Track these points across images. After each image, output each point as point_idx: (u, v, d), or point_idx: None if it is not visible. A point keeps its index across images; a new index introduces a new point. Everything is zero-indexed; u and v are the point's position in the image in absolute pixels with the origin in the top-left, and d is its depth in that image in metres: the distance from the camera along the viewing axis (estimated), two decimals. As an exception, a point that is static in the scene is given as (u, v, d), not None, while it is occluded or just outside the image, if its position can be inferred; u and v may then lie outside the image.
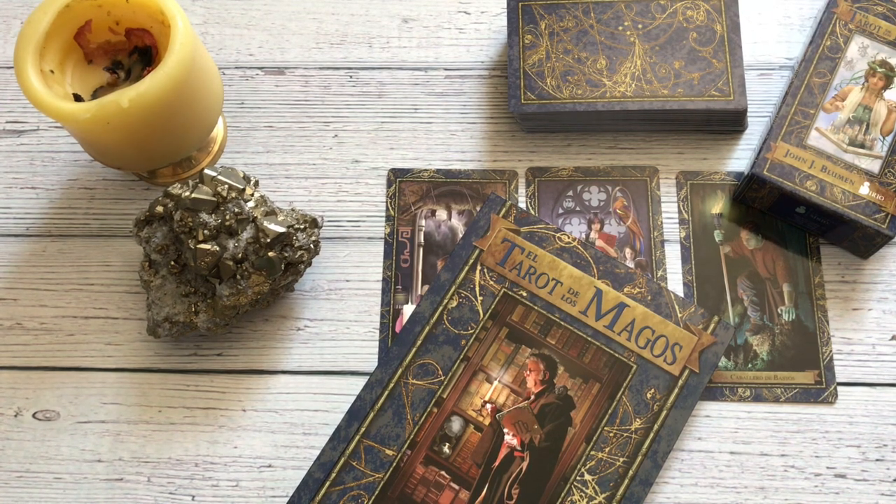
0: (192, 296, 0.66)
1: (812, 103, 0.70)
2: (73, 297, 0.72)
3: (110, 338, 0.70)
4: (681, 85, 0.72)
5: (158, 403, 0.68)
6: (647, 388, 0.64)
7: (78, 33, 0.67)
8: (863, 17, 0.72)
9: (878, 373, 0.68)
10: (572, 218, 0.73)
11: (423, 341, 0.66)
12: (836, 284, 0.70)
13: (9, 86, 0.79)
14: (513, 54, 0.74)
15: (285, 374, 0.69)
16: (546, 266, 0.67)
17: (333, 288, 0.71)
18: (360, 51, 0.79)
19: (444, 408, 0.64)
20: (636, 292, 0.66)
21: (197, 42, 0.66)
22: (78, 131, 0.65)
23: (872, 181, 0.68)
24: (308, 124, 0.77)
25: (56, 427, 0.68)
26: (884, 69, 0.71)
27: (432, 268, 0.72)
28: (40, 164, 0.76)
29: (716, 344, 0.65)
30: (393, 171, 0.75)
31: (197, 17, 0.81)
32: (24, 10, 0.82)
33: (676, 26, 0.73)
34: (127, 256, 0.73)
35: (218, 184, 0.65)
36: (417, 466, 0.63)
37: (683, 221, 0.72)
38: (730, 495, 0.65)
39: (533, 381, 0.65)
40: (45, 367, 0.70)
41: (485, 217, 0.69)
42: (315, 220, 0.67)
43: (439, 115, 0.77)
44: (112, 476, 0.66)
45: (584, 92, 0.72)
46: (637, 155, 0.75)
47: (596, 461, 0.62)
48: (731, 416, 0.67)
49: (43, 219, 0.74)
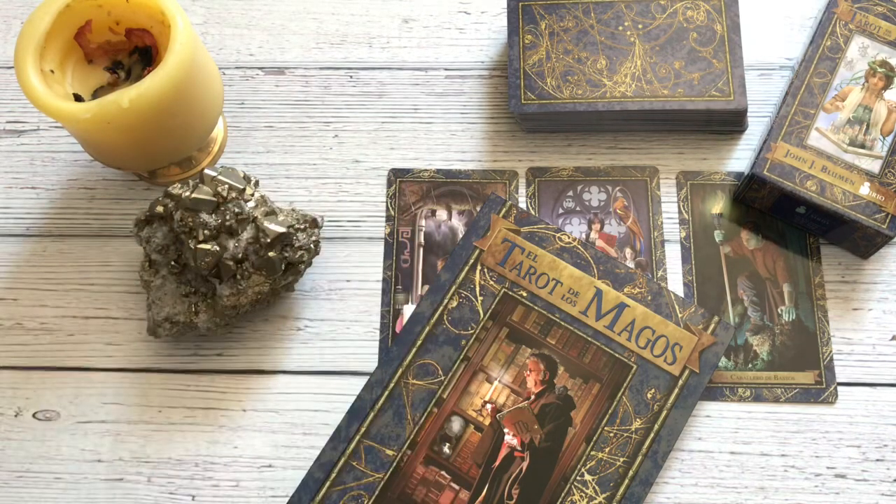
0: (192, 296, 0.66)
1: (812, 103, 0.70)
2: (74, 297, 0.72)
3: (110, 338, 0.70)
4: (681, 85, 0.72)
5: (158, 403, 0.68)
6: (647, 389, 0.64)
7: (78, 33, 0.67)
8: (863, 17, 0.72)
9: (879, 373, 0.68)
10: (572, 218, 0.73)
11: (424, 341, 0.66)
12: (837, 284, 0.70)
13: (9, 86, 0.79)
14: (513, 54, 0.74)
15: (285, 374, 0.69)
16: (546, 266, 0.67)
17: (333, 288, 0.71)
18: (360, 51, 0.79)
19: (444, 408, 0.64)
20: (636, 292, 0.66)
21: (197, 42, 0.66)
22: (78, 131, 0.65)
23: (873, 181, 0.68)
24: (308, 124, 0.77)
25: (56, 427, 0.68)
26: (884, 69, 0.71)
27: (432, 268, 0.72)
28: (40, 164, 0.76)
29: (716, 344, 0.65)
30: (393, 171, 0.75)
31: (197, 17, 0.81)
32: (24, 10, 0.82)
33: (676, 26, 0.73)
34: (127, 256, 0.73)
35: (218, 184, 0.65)
36: (418, 466, 0.63)
37: (683, 221, 0.72)
38: (730, 495, 0.65)
39: (533, 381, 0.65)
40: (46, 367, 0.70)
41: (485, 217, 0.69)
42: (315, 220, 0.67)
43: (439, 115, 0.77)
44: (112, 476, 0.66)
45: (584, 92, 0.72)
46: (637, 155, 0.75)
47: (596, 461, 0.62)
48: (732, 416, 0.67)
49: (43, 219, 0.74)
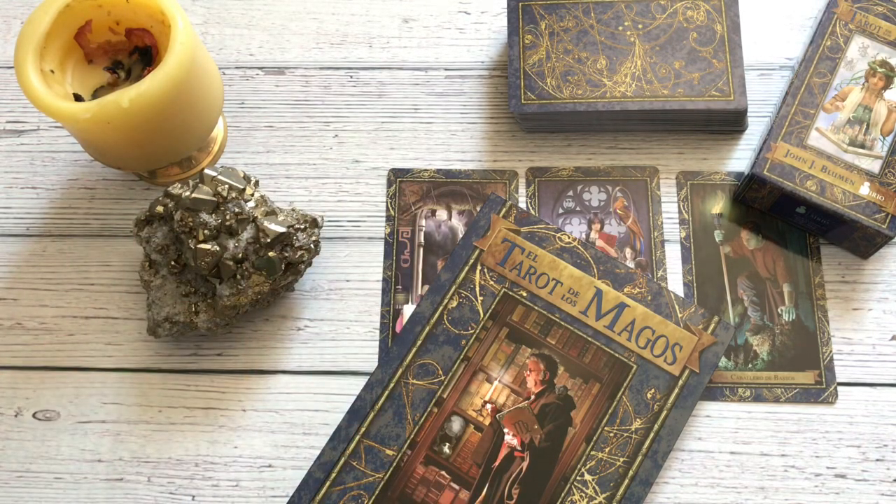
0: (192, 296, 0.66)
1: (812, 103, 0.70)
2: (74, 297, 0.72)
3: (110, 338, 0.70)
4: (681, 85, 0.72)
5: (158, 403, 0.68)
6: (647, 388, 0.64)
7: (78, 33, 0.67)
8: (863, 17, 0.72)
9: (878, 373, 0.68)
10: (572, 218, 0.73)
11: (424, 341, 0.66)
12: (837, 284, 0.70)
13: (9, 86, 0.79)
14: (513, 54, 0.74)
15: (285, 374, 0.69)
16: (546, 266, 0.67)
17: (334, 288, 0.71)
18: (360, 51, 0.79)
19: (444, 408, 0.64)
20: (636, 292, 0.66)
21: (197, 42, 0.66)
22: (78, 131, 0.65)
23: (873, 181, 0.68)
24: (308, 124, 0.77)
25: (56, 427, 0.68)
26: (884, 69, 0.71)
27: (432, 268, 0.72)
28: (40, 164, 0.76)
29: (716, 344, 0.65)
30: (393, 171, 0.75)
31: (197, 17, 0.81)
32: (24, 10, 0.82)
33: (677, 26, 0.73)
34: (127, 256, 0.73)
35: (218, 184, 0.65)
36: (418, 466, 0.63)
37: (684, 221, 0.72)
38: (730, 495, 0.65)
39: (533, 381, 0.65)
40: (46, 367, 0.70)
41: (485, 217, 0.69)
42: (315, 220, 0.67)
43: (439, 115, 0.77)
44: (112, 476, 0.66)
45: (584, 92, 0.72)
46: (637, 155, 0.75)
47: (596, 461, 0.62)
48: (732, 416, 0.67)
49: (43, 219, 0.74)
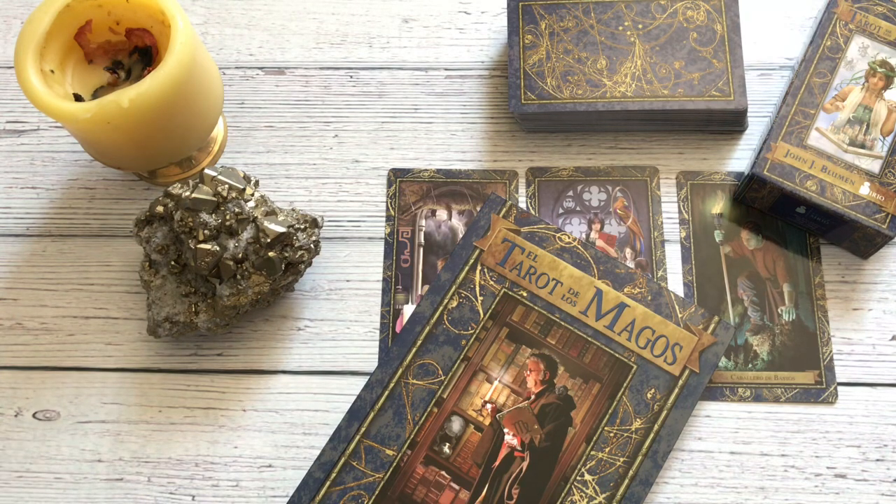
0: (192, 296, 0.66)
1: (812, 103, 0.70)
2: (74, 297, 0.72)
3: (110, 338, 0.70)
4: (681, 85, 0.72)
5: (158, 403, 0.68)
6: (647, 389, 0.64)
7: (78, 33, 0.67)
8: (863, 17, 0.72)
9: (878, 373, 0.68)
10: (572, 218, 0.73)
11: (424, 341, 0.66)
12: (837, 284, 0.70)
13: (9, 86, 0.79)
14: (513, 54, 0.74)
15: (285, 374, 0.69)
16: (546, 266, 0.67)
17: (334, 288, 0.71)
18: (360, 51, 0.79)
19: (444, 408, 0.64)
20: (636, 292, 0.66)
21: (197, 42, 0.66)
22: (78, 131, 0.65)
23: (873, 181, 0.68)
24: (308, 124, 0.77)
25: (56, 427, 0.68)
26: (884, 69, 0.71)
27: (432, 268, 0.72)
28: (40, 164, 0.76)
29: (716, 344, 0.65)
30: (393, 171, 0.75)
31: (197, 17, 0.81)
32: (24, 10, 0.82)
33: (677, 26, 0.73)
34: (127, 256, 0.73)
35: (218, 184, 0.65)
36: (418, 466, 0.63)
37: (684, 221, 0.72)
38: (730, 495, 0.65)
39: (533, 381, 0.65)
40: (46, 367, 0.69)
41: (485, 217, 0.69)
42: (315, 220, 0.67)
43: (439, 115, 0.77)
44: (112, 476, 0.66)
45: (584, 92, 0.72)
46: (637, 155, 0.75)
47: (596, 461, 0.62)
48: (732, 416, 0.67)
49: (43, 219, 0.74)
